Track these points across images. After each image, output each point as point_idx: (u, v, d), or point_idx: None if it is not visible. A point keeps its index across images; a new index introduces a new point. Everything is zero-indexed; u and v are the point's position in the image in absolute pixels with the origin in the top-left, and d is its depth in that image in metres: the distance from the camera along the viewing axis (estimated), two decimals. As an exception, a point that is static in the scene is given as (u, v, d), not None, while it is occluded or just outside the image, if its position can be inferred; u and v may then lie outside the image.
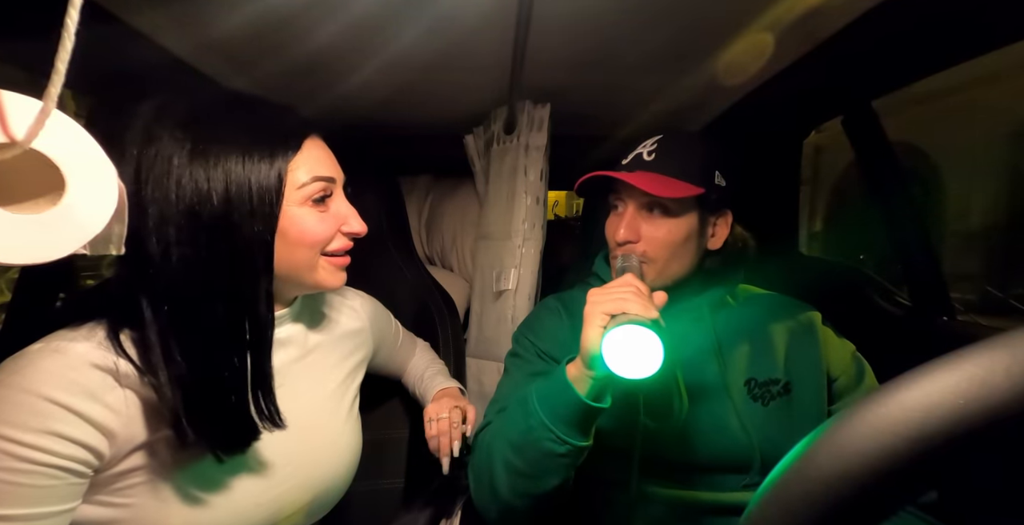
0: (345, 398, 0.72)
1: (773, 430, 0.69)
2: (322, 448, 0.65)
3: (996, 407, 0.19)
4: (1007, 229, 4.58)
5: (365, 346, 0.79)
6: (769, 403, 0.70)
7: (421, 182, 1.56)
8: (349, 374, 0.74)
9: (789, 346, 0.74)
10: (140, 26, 0.70)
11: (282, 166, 0.52)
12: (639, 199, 0.71)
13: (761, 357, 0.73)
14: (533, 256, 1.13)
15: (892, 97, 0.98)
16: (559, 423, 0.59)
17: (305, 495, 0.62)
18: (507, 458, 0.63)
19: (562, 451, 0.59)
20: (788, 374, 0.72)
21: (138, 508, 0.50)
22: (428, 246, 1.52)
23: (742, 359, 0.73)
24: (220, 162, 0.49)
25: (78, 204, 0.32)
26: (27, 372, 0.45)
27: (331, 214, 0.58)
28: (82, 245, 0.32)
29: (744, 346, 0.74)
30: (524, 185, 1.14)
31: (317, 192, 0.56)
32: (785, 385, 0.71)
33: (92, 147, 0.33)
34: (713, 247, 0.74)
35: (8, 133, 0.29)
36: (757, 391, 0.71)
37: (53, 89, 0.28)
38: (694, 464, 0.69)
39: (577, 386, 0.59)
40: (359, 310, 0.80)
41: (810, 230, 6.51)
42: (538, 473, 0.61)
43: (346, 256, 0.62)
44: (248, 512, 0.55)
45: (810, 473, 0.22)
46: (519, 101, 1.11)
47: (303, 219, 0.55)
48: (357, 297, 0.83)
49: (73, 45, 0.27)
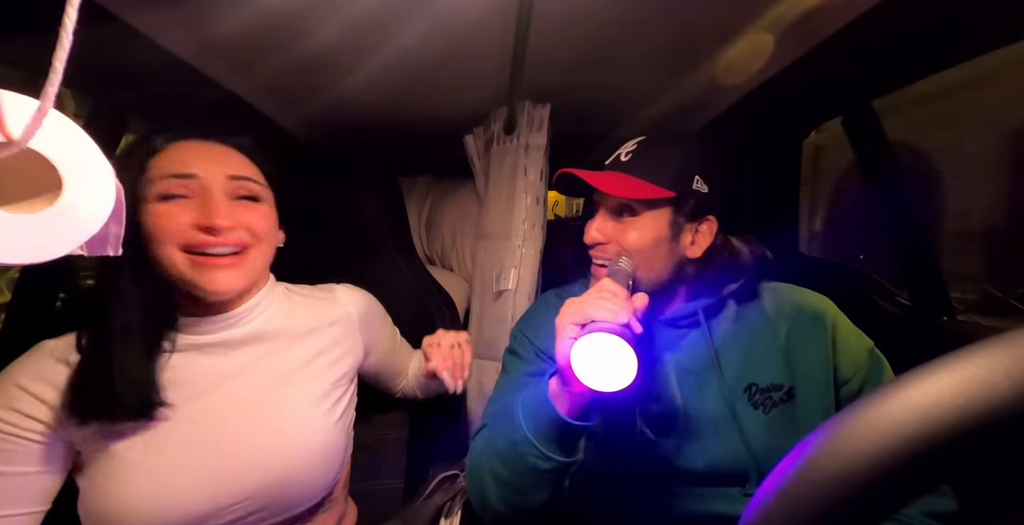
0: (311, 391, 0.70)
1: (774, 439, 0.66)
2: (270, 438, 0.65)
3: (996, 407, 0.19)
4: (1007, 229, 4.58)
5: (348, 339, 0.78)
6: (771, 411, 0.67)
7: (421, 182, 1.56)
8: (322, 368, 0.73)
9: (793, 347, 0.70)
10: (140, 26, 0.70)
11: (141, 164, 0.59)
12: (609, 200, 0.70)
13: (762, 361, 0.70)
14: (533, 256, 1.13)
15: (892, 97, 0.98)
16: (542, 440, 0.57)
17: (247, 484, 0.62)
18: (495, 470, 0.62)
19: (546, 467, 0.58)
20: (792, 378, 0.68)
21: (98, 481, 0.58)
22: (428, 246, 1.52)
23: (742, 365, 0.70)
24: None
25: (75, 204, 0.32)
26: (13, 364, 0.59)
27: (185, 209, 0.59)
28: (79, 245, 0.32)
29: (744, 351, 0.70)
30: (524, 185, 1.14)
31: (167, 189, 0.59)
32: (788, 390, 0.68)
33: (89, 147, 0.33)
34: (692, 255, 0.70)
35: (5, 132, 0.28)
36: (758, 398, 0.68)
37: (51, 88, 0.28)
38: (693, 475, 0.68)
39: (557, 403, 0.57)
40: (342, 302, 0.80)
41: (810, 230, 6.50)
42: (525, 488, 0.60)
43: (220, 256, 0.61)
44: (185, 493, 0.59)
45: (810, 473, 0.22)
46: (519, 101, 1.11)
47: (154, 214, 0.58)
48: (345, 290, 0.83)
49: (71, 44, 0.27)
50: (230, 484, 0.61)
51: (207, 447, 0.61)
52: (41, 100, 0.28)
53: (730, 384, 0.69)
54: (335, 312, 0.79)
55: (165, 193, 0.58)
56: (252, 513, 0.63)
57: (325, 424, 0.70)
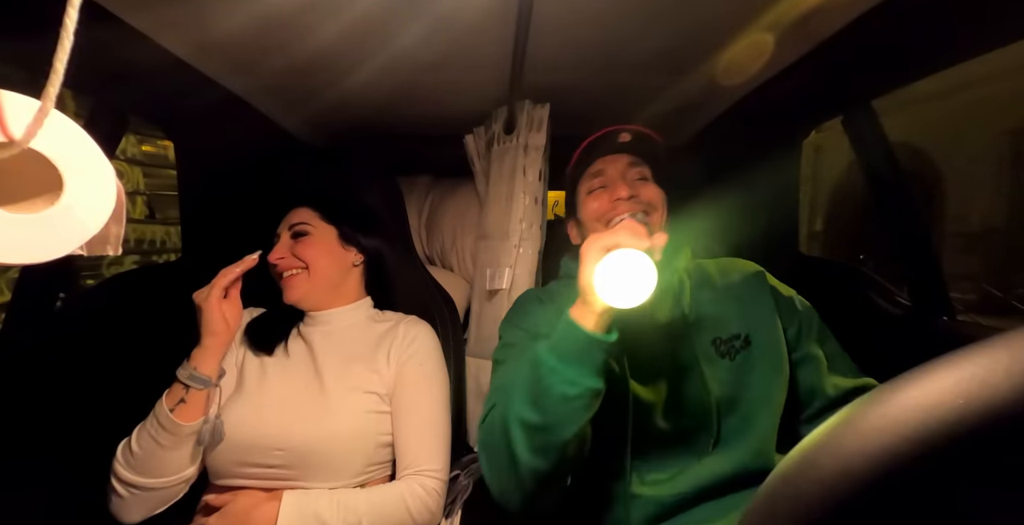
0: (339, 387, 0.85)
1: (735, 384, 0.75)
2: (301, 408, 0.82)
3: (996, 407, 0.19)
4: (1007, 229, 4.58)
5: (392, 358, 0.90)
6: (735, 357, 0.76)
7: (421, 182, 1.56)
8: (358, 372, 0.87)
9: (746, 301, 0.81)
10: (140, 26, 0.70)
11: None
12: (623, 165, 0.84)
13: (724, 316, 0.79)
14: (530, 256, 1.13)
15: (892, 97, 0.98)
16: (570, 364, 0.60)
17: (283, 434, 0.79)
18: (521, 416, 0.62)
19: (575, 392, 0.59)
20: (747, 328, 0.78)
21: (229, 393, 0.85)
22: (428, 246, 1.52)
23: (708, 320, 0.78)
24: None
25: (76, 204, 0.32)
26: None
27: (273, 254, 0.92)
28: (79, 245, 0.32)
29: (710, 308, 0.80)
30: (523, 185, 1.14)
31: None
32: (745, 338, 0.77)
33: (91, 147, 0.33)
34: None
35: (6, 132, 0.28)
36: (723, 348, 0.77)
37: (52, 89, 0.28)
38: (678, 432, 0.74)
39: (582, 323, 0.61)
40: (399, 333, 0.93)
41: (810, 230, 6.50)
42: (555, 423, 0.60)
43: (289, 277, 0.91)
44: (241, 420, 0.80)
45: (810, 473, 0.22)
46: (519, 101, 1.11)
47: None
48: (412, 324, 0.95)
49: (72, 45, 0.27)
50: (271, 425, 0.80)
51: (278, 397, 0.83)
52: (42, 100, 0.28)
53: (700, 338, 0.77)
54: (389, 335, 0.93)
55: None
56: (285, 466, 0.78)
57: (349, 415, 0.83)
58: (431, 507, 0.79)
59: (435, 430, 0.85)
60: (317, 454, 0.79)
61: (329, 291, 0.94)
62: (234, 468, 0.79)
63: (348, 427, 0.81)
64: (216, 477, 0.81)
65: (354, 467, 0.81)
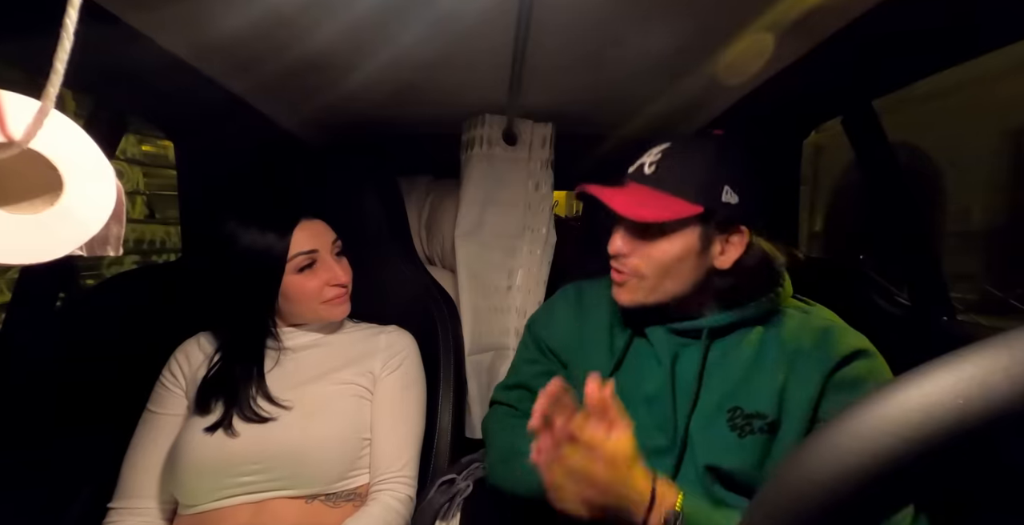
0: (328, 392, 0.86)
1: (726, 458, 0.64)
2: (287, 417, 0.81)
3: (996, 407, 0.19)
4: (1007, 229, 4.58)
5: (373, 368, 0.91)
6: (747, 436, 0.65)
7: (421, 182, 1.56)
8: (347, 380, 0.87)
9: (789, 383, 0.65)
10: (140, 26, 0.70)
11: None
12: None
13: (756, 389, 0.66)
14: (530, 256, 1.14)
15: (892, 97, 0.98)
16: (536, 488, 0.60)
17: (257, 445, 0.78)
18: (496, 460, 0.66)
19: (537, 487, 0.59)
20: (779, 412, 0.65)
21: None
22: (428, 246, 1.51)
23: (734, 386, 0.67)
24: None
25: (76, 204, 0.32)
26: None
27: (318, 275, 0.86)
28: (79, 246, 0.32)
29: (741, 374, 0.67)
30: (536, 197, 1.18)
31: (303, 262, 0.85)
32: (772, 423, 0.65)
33: (91, 147, 0.33)
34: (721, 266, 0.67)
35: (6, 133, 0.28)
36: (739, 422, 0.65)
37: (52, 89, 0.28)
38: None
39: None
40: (382, 344, 0.93)
41: (810, 230, 6.50)
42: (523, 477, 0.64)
43: (341, 296, 0.89)
44: (202, 442, 0.77)
45: (808, 474, 0.22)
46: (518, 101, 1.11)
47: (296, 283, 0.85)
48: (393, 334, 0.96)
49: (72, 45, 0.27)
50: (248, 444, 0.78)
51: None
52: (42, 101, 0.28)
53: (709, 401, 0.67)
54: (374, 346, 0.94)
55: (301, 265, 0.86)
56: (266, 477, 0.77)
57: (338, 420, 0.84)
58: (405, 516, 0.83)
59: (410, 439, 0.89)
60: (297, 461, 0.78)
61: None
62: (211, 493, 0.76)
63: (329, 431, 0.82)
64: (191, 505, 0.77)
65: (336, 471, 0.81)
